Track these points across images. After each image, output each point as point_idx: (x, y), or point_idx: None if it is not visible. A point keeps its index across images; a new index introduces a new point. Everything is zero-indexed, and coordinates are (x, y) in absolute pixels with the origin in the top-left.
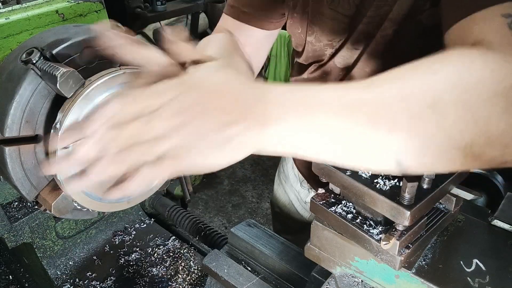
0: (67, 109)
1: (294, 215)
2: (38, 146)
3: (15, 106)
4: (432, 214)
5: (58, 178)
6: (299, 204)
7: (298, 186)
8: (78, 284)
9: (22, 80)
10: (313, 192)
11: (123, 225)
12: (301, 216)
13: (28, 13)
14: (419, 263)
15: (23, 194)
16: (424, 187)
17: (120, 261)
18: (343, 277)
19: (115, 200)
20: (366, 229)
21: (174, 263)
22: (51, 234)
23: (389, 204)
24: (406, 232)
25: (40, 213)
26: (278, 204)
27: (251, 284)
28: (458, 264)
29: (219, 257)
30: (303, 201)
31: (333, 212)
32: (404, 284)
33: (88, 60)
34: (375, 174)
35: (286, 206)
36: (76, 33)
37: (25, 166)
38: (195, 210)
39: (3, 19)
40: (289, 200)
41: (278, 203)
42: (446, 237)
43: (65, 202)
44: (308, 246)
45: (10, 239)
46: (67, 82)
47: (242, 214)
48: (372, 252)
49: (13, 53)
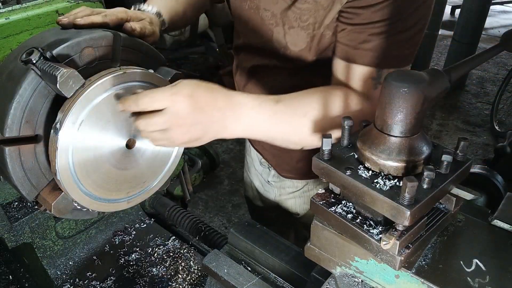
0: (67, 109)
1: (262, 198)
2: (38, 146)
3: (15, 106)
4: (432, 214)
5: (58, 178)
6: (262, 186)
7: (258, 164)
8: (78, 284)
9: (22, 80)
10: (273, 171)
11: (123, 225)
12: (267, 198)
13: (28, 13)
14: (419, 263)
15: (23, 194)
16: (424, 187)
17: (120, 261)
18: (343, 277)
19: (115, 200)
20: (366, 229)
21: (174, 263)
22: (51, 234)
23: (389, 204)
24: (406, 232)
25: (40, 213)
26: (246, 187)
27: (251, 284)
28: (458, 264)
29: (219, 257)
30: (265, 181)
31: (333, 212)
32: (404, 284)
33: (88, 60)
34: (375, 174)
35: (253, 189)
36: (76, 33)
37: (25, 166)
38: (195, 210)
39: (3, 19)
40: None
41: (246, 187)
42: (446, 237)
43: (65, 202)
44: (308, 246)
45: (10, 239)
46: (67, 82)
47: (242, 214)
48: (372, 252)
49: (13, 53)
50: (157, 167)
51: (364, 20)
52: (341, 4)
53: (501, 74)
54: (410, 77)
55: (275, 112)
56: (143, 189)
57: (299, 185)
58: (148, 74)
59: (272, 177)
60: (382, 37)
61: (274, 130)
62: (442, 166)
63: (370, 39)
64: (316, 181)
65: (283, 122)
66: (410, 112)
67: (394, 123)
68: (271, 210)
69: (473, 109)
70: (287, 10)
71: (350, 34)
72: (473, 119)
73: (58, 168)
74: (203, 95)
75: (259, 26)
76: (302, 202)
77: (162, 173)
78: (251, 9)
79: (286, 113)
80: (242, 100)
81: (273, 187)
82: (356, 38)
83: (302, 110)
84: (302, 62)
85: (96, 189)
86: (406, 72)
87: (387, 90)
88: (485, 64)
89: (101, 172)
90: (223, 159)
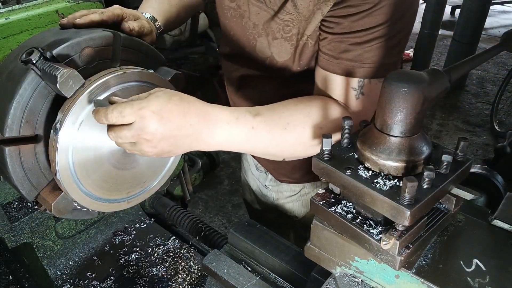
0: (67, 109)
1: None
2: (38, 146)
3: (15, 106)
4: (432, 214)
5: (58, 178)
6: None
7: (254, 169)
8: (78, 284)
9: (22, 80)
10: (270, 175)
11: (123, 225)
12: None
13: (28, 13)
14: (419, 263)
15: (23, 194)
16: (424, 187)
17: (120, 261)
18: (343, 277)
19: (115, 200)
20: (366, 229)
21: (174, 263)
22: (51, 234)
23: (389, 204)
24: (406, 232)
25: (40, 213)
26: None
27: (251, 284)
28: (458, 264)
29: (219, 257)
30: (263, 185)
31: (333, 212)
32: (404, 284)
33: (88, 60)
34: (375, 174)
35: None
36: (76, 33)
37: (25, 166)
38: (195, 210)
39: (3, 19)
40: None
41: (244, 190)
42: (446, 237)
43: (65, 202)
44: (308, 246)
45: (10, 239)
46: (67, 82)
47: (242, 214)
48: (372, 252)
49: (13, 53)
50: (157, 167)
51: (344, 29)
52: (323, 14)
53: (501, 74)
54: (410, 77)
55: (253, 126)
56: (143, 189)
57: (296, 189)
58: (148, 74)
59: (269, 181)
60: (362, 46)
61: (253, 144)
62: (442, 166)
63: (350, 48)
64: (313, 184)
65: (261, 136)
66: (410, 112)
67: (394, 123)
68: (270, 212)
69: (473, 109)
70: (270, 21)
71: (331, 43)
72: (473, 119)
73: (58, 168)
74: (174, 109)
75: (242, 36)
76: (300, 205)
77: (162, 173)
78: (234, 18)
79: (264, 127)
80: (218, 115)
81: (271, 191)
82: (337, 48)
83: (281, 123)
84: (288, 72)
85: (96, 189)
86: (406, 72)
87: (387, 90)
88: (485, 64)
89: (101, 172)
90: (223, 159)
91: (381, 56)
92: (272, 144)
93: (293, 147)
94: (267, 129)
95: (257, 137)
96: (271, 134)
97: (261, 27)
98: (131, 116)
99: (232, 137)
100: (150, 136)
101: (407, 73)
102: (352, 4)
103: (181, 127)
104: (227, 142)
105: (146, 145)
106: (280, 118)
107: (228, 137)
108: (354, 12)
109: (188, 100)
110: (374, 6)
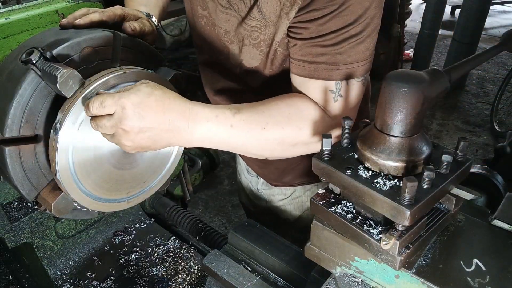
0: (67, 109)
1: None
2: (38, 146)
3: (15, 106)
4: (432, 214)
5: (58, 178)
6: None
7: (246, 173)
8: (78, 284)
9: (22, 80)
10: (261, 179)
11: (123, 225)
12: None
13: (28, 13)
14: (419, 263)
15: (23, 194)
16: (424, 187)
17: (120, 261)
18: (343, 277)
19: (115, 200)
20: (366, 229)
21: (174, 263)
22: (51, 234)
23: (389, 204)
24: (406, 232)
25: (40, 213)
26: (239, 193)
27: (251, 284)
28: (458, 264)
29: (219, 257)
30: (255, 188)
31: (333, 212)
32: (404, 284)
33: (88, 60)
34: (375, 174)
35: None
36: (76, 33)
37: (25, 166)
38: (195, 210)
39: (3, 19)
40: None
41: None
42: (446, 237)
43: (65, 202)
44: (308, 246)
45: (10, 239)
46: (67, 82)
47: (242, 214)
48: (372, 252)
49: (13, 53)
50: (157, 167)
51: (312, 33)
52: (289, 20)
53: (501, 74)
54: (410, 77)
55: (231, 124)
56: (143, 189)
57: (287, 192)
58: (148, 74)
59: (261, 185)
60: (335, 48)
61: (233, 142)
62: (442, 166)
63: (323, 52)
64: (304, 187)
65: (240, 135)
66: (410, 112)
67: (394, 123)
68: (264, 215)
69: (473, 109)
70: (239, 27)
71: (302, 49)
72: (473, 119)
73: (58, 168)
74: (153, 104)
75: (216, 43)
76: (293, 209)
77: (162, 173)
78: (208, 26)
79: (243, 126)
80: (198, 112)
81: (263, 195)
82: (308, 53)
83: (261, 123)
84: (260, 79)
85: (96, 189)
86: (406, 72)
87: (387, 90)
88: (485, 64)
89: (101, 172)
90: (223, 159)
91: (355, 56)
92: (251, 143)
93: (272, 147)
94: (246, 128)
95: (236, 135)
96: (249, 133)
97: (233, 33)
98: (112, 107)
99: (211, 134)
100: (128, 127)
101: (407, 73)
102: (317, 7)
103: (160, 122)
104: (207, 139)
105: (124, 137)
106: (259, 117)
107: (208, 134)
108: (320, 16)
109: (170, 96)
110: (339, 7)
